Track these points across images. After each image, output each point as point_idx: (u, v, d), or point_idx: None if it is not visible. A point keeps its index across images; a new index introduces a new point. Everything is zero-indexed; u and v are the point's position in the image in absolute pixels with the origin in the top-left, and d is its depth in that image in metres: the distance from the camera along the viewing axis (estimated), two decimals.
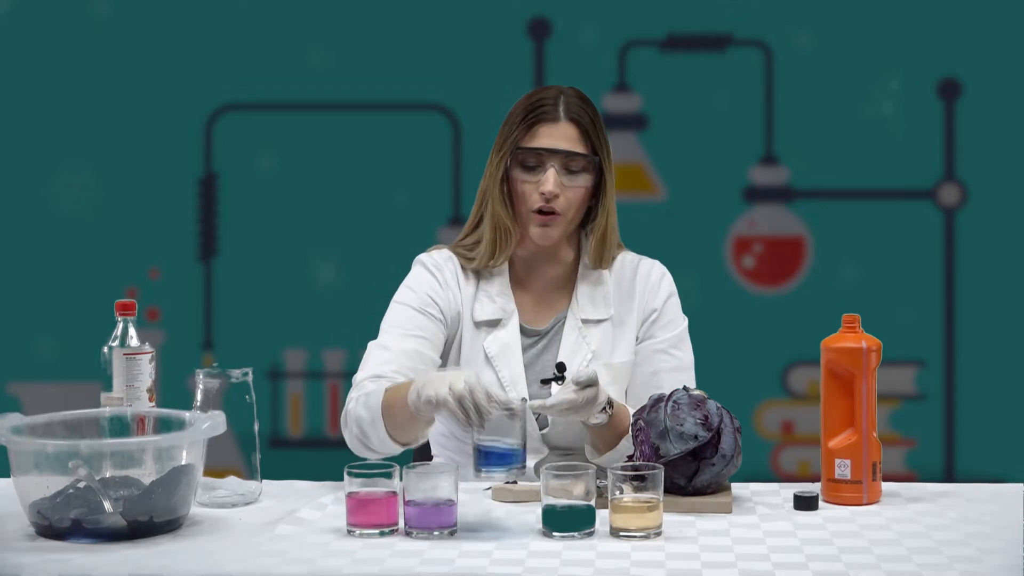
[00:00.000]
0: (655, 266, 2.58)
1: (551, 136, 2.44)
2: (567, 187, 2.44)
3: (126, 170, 3.89)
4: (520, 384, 2.47)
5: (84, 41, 3.88)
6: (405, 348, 2.42)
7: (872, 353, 2.24)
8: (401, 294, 2.52)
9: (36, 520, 2.04)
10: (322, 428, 3.93)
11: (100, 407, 2.31)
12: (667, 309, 2.55)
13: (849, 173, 3.87)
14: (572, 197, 2.45)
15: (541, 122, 2.45)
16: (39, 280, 3.89)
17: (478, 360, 2.48)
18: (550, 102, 2.46)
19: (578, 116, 2.45)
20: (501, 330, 2.49)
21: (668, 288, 2.56)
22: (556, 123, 2.45)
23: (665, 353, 2.53)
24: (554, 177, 2.42)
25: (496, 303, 2.50)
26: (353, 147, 3.90)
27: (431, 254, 2.56)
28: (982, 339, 3.85)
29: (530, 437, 2.47)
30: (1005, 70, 3.83)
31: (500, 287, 2.51)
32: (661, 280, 2.56)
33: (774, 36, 3.86)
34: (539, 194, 2.43)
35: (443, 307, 2.49)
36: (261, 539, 2.04)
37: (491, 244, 2.49)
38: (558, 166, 2.43)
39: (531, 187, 2.45)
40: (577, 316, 2.51)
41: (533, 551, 1.97)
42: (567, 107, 2.45)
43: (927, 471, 3.83)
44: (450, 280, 2.51)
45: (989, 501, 2.25)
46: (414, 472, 2.06)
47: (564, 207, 2.44)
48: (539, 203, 2.44)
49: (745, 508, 2.21)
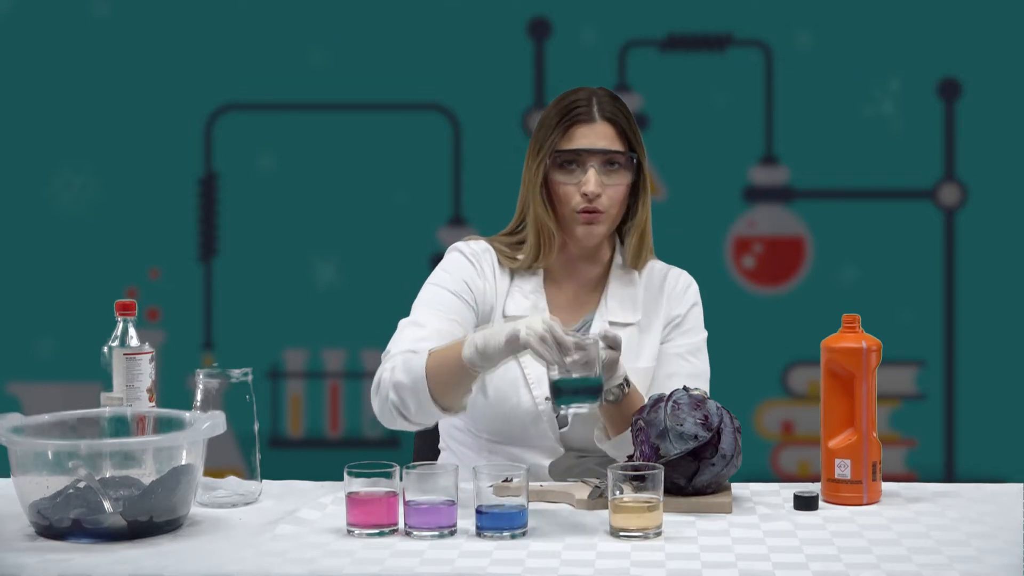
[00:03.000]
0: (683, 275, 2.60)
1: (588, 136, 2.45)
2: (608, 186, 2.44)
3: (126, 170, 3.89)
4: (545, 381, 2.46)
5: (84, 41, 3.88)
6: (440, 328, 2.41)
7: (872, 353, 2.24)
8: (437, 276, 2.51)
9: (36, 520, 2.04)
10: (322, 428, 3.93)
11: (100, 407, 2.31)
12: (690, 316, 2.56)
13: (849, 173, 3.87)
14: (613, 195, 2.45)
15: (577, 123, 2.45)
16: (39, 280, 3.89)
17: None
18: (583, 103, 2.46)
19: (613, 115, 2.46)
20: None
21: (693, 297, 2.58)
22: (592, 123, 2.45)
23: (682, 358, 2.53)
24: (595, 177, 2.43)
25: (529, 300, 2.50)
26: (353, 147, 3.90)
27: (469, 243, 2.55)
28: (982, 339, 3.85)
29: (548, 437, 2.47)
30: (1005, 70, 3.83)
31: (534, 284, 2.51)
32: (688, 288, 2.58)
33: (774, 36, 3.86)
34: (581, 195, 2.44)
35: (478, 296, 2.48)
36: (261, 539, 2.04)
37: (535, 247, 2.48)
38: (598, 166, 2.44)
39: (572, 189, 2.45)
40: (605, 318, 2.51)
41: (533, 551, 1.97)
42: (601, 107, 2.46)
43: (927, 471, 3.83)
44: (487, 271, 2.50)
45: (989, 501, 2.25)
46: (414, 472, 2.06)
47: (607, 205, 2.45)
48: (582, 204, 2.44)
49: (745, 508, 2.21)
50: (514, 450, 2.47)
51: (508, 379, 2.46)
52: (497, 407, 2.47)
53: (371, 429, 3.93)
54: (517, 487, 2.05)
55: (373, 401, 2.36)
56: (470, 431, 2.53)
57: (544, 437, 2.47)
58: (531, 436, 2.47)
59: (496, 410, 2.47)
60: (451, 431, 2.58)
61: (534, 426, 2.46)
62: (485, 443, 2.50)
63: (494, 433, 2.49)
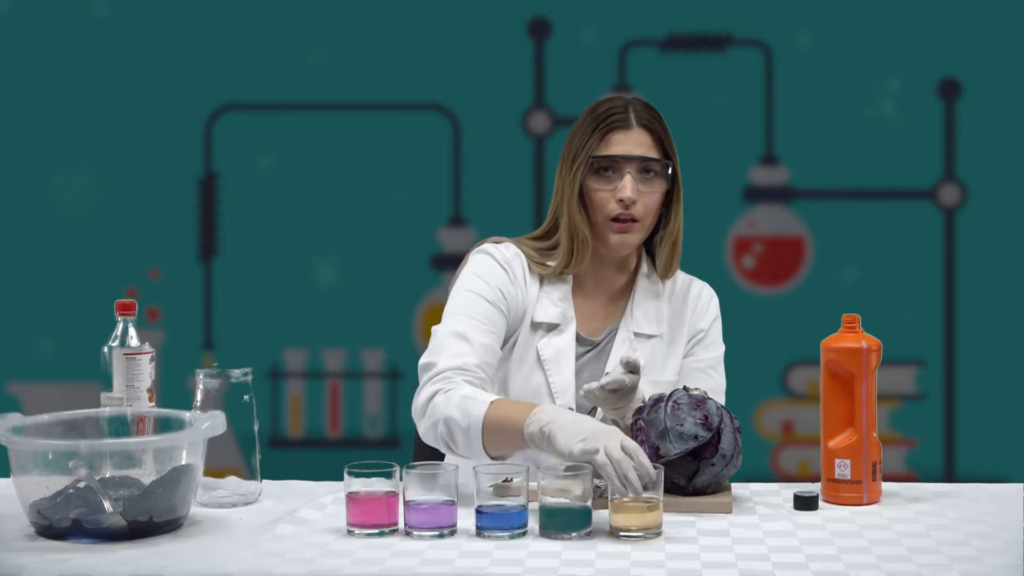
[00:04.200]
0: (705, 288, 2.60)
1: (625, 143, 2.44)
2: (643, 193, 2.43)
3: (126, 170, 3.89)
4: (570, 392, 2.46)
5: (84, 41, 3.88)
6: (484, 343, 2.39)
7: (872, 353, 2.24)
8: (472, 282, 2.47)
9: (36, 520, 2.04)
10: (322, 428, 3.93)
11: (100, 407, 2.31)
12: (712, 331, 2.57)
13: (849, 173, 3.87)
14: (649, 203, 2.44)
15: (614, 130, 2.44)
16: (39, 280, 3.89)
17: (530, 361, 2.47)
18: (620, 110, 2.45)
19: (649, 123, 2.46)
20: (557, 336, 2.48)
21: (715, 311, 2.58)
22: (629, 130, 2.44)
23: (704, 373, 2.53)
24: (631, 183, 2.42)
25: (558, 307, 2.49)
26: (353, 147, 3.90)
27: (499, 247, 2.51)
28: (982, 339, 3.85)
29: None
30: (1005, 70, 3.83)
31: (563, 292, 2.50)
32: (710, 302, 2.58)
33: (774, 36, 3.86)
34: (616, 201, 2.42)
35: (511, 304, 2.46)
36: (261, 539, 2.04)
37: (568, 253, 2.47)
38: (634, 172, 2.43)
39: (607, 195, 2.44)
40: (630, 328, 2.50)
41: (533, 551, 1.97)
42: (637, 114, 2.46)
43: (927, 471, 3.83)
44: (519, 277, 2.48)
45: (989, 501, 2.25)
46: (414, 472, 2.06)
47: (642, 213, 2.44)
48: (616, 210, 2.43)
49: (745, 508, 2.21)
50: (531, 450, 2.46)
51: (532, 385, 2.46)
52: None
53: (371, 429, 3.93)
54: (517, 487, 2.05)
55: (418, 421, 2.34)
56: None
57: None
58: None
59: None
60: None
61: None
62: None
63: None
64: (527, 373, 2.46)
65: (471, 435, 2.25)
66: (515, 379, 2.45)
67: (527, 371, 2.46)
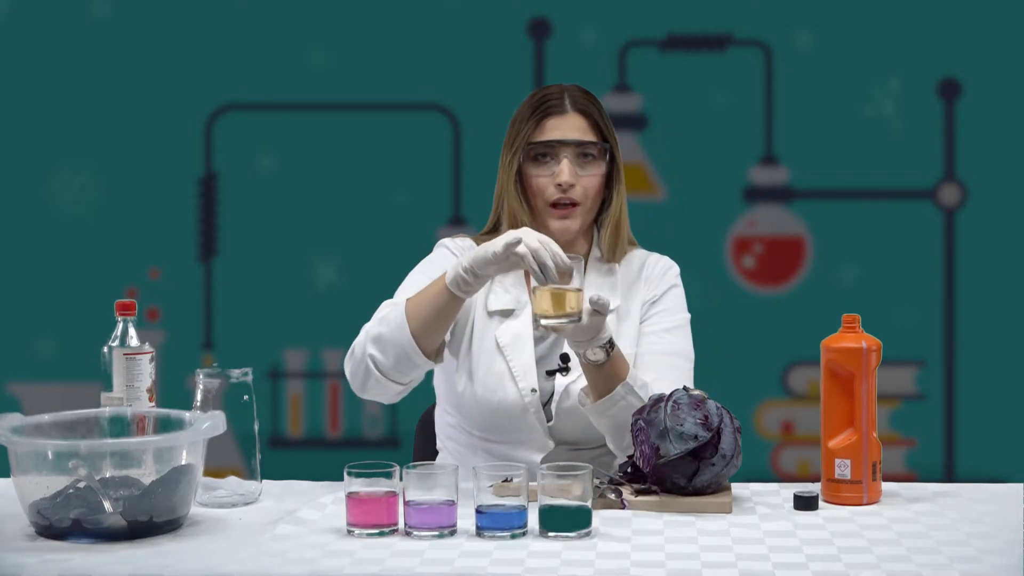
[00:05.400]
0: (663, 259, 2.61)
1: (560, 128, 2.48)
2: (582, 176, 2.46)
3: (126, 170, 3.89)
4: (531, 374, 2.47)
5: (84, 41, 3.88)
6: None
7: (872, 353, 2.24)
8: (422, 266, 2.56)
9: (36, 520, 2.04)
10: (322, 428, 3.93)
11: (100, 407, 2.31)
12: (667, 297, 2.57)
13: (849, 173, 3.87)
14: (588, 185, 2.47)
15: (549, 115, 2.48)
16: (39, 280, 3.88)
17: (489, 348, 2.49)
18: (555, 97, 2.50)
19: (584, 107, 2.49)
20: (513, 320, 2.51)
21: (672, 279, 2.59)
22: (564, 115, 2.48)
23: (658, 336, 2.54)
24: (568, 167, 2.45)
25: (510, 293, 2.52)
26: (353, 147, 3.90)
27: (455, 239, 2.60)
28: (982, 339, 3.85)
29: (536, 430, 2.47)
30: (1005, 70, 3.83)
31: (514, 278, 2.54)
32: (667, 272, 2.59)
33: (774, 36, 3.86)
34: (555, 186, 2.46)
35: None
36: (261, 539, 2.04)
37: None
38: (571, 156, 2.46)
39: (546, 180, 2.47)
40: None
41: (533, 551, 1.97)
42: (573, 99, 2.49)
43: (927, 471, 3.83)
44: None
45: (989, 501, 2.25)
46: (414, 472, 2.06)
47: (581, 196, 2.47)
48: (556, 195, 2.46)
49: (745, 508, 2.21)
50: (505, 448, 2.48)
51: (495, 372, 2.48)
52: (484, 401, 2.48)
53: (371, 429, 3.93)
54: (517, 487, 2.05)
55: (346, 366, 2.40)
56: (463, 429, 2.55)
57: (532, 430, 2.47)
58: (520, 430, 2.48)
59: (484, 405, 2.49)
60: (446, 430, 2.60)
61: (522, 418, 2.47)
62: (478, 441, 2.52)
63: (485, 429, 2.50)
64: (488, 361, 2.48)
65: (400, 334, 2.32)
66: (477, 368, 2.48)
67: (488, 359, 2.48)
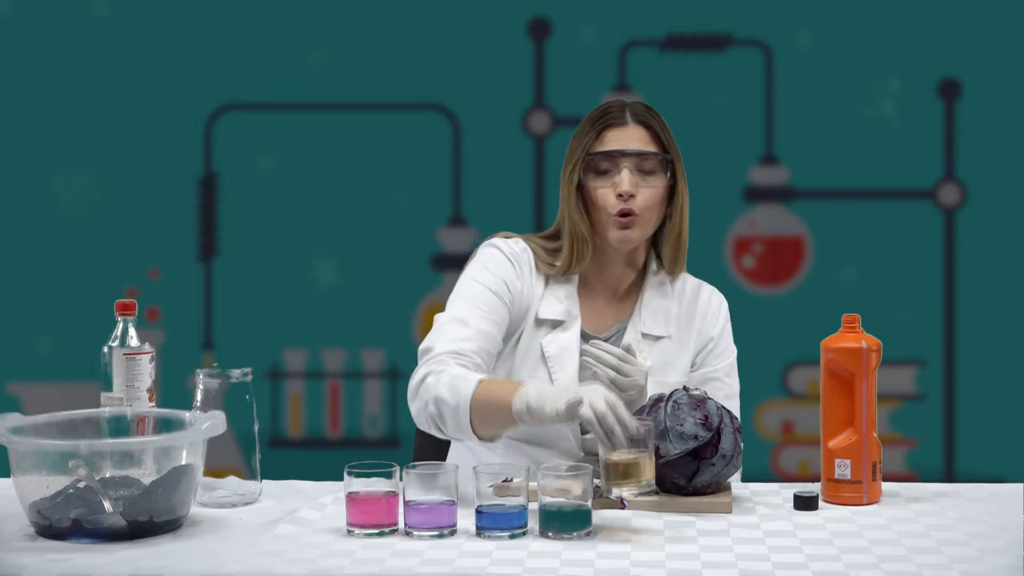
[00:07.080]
0: (715, 293, 2.60)
1: (621, 139, 2.46)
2: (642, 187, 2.44)
3: (126, 170, 3.89)
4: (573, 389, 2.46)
5: (84, 41, 3.88)
6: (482, 329, 2.40)
7: (872, 353, 2.24)
8: (477, 272, 2.48)
9: (36, 520, 2.04)
10: (322, 428, 3.93)
11: (100, 407, 2.31)
12: (723, 338, 2.57)
13: (849, 173, 3.87)
14: (648, 197, 2.45)
15: (610, 127, 2.46)
16: (39, 280, 3.89)
17: (534, 357, 2.47)
18: (616, 109, 2.48)
19: (645, 119, 2.47)
20: (562, 332, 2.48)
21: (725, 317, 2.59)
22: (624, 127, 2.46)
23: (719, 381, 2.54)
24: (629, 177, 2.43)
25: (563, 304, 2.49)
26: (353, 147, 3.90)
27: (507, 242, 2.52)
28: (982, 339, 3.86)
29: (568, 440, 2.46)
30: (1005, 70, 3.83)
31: (568, 290, 2.50)
32: (720, 308, 2.58)
33: (774, 36, 3.86)
34: (616, 196, 2.44)
35: (515, 297, 2.47)
36: (261, 539, 2.04)
37: (569, 253, 2.48)
38: (631, 167, 2.44)
39: (606, 191, 2.45)
40: (638, 328, 2.50)
41: (533, 551, 1.97)
42: (633, 112, 2.48)
43: (927, 471, 3.83)
44: (525, 273, 2.49)
45: (989, 501, 2.25)
46: (414, 472, 2.06)
47: (641, 207, 2.44)
48: (617, 206, 2.44)
49: (745, 508, 2.21)
50: (534, 450, 2.46)
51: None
52: None
53: (371, 429, 3.93)
54: (517, 487, 2.05)
55: (411, 402, 2.35)
56: None
57: (564, 439, 2.46)
58: (553, 439, 2.46)
59: None
60: None
61: (556, 430, 2.45)
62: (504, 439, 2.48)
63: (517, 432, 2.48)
64: (531, 369, 2.46)
65: (459, 414, 2.25)
66: (519, 375, 2.46)
67: (531, 367, 2.46)
